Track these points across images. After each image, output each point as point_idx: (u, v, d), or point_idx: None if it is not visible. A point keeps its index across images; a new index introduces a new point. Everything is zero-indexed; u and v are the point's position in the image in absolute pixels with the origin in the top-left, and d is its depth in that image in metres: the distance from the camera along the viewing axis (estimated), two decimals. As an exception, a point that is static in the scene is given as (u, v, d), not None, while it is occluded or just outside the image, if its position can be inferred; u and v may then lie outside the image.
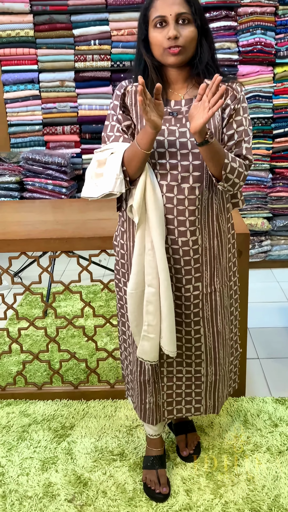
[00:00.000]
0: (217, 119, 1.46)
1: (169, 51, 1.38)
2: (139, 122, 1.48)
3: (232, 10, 3.26)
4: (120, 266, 1.65)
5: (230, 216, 1.62)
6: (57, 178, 3.39)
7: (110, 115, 1.51)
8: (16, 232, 2.07)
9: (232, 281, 1.68)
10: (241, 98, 1.47)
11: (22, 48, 3.43)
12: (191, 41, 1.40)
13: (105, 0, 3.30)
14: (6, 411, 2.20)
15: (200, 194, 1.47)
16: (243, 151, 1.46)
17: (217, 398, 1.74)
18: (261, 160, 3.44)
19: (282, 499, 1.71)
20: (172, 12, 1.36)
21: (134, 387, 1.73)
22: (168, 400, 1.72)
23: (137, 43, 1.47)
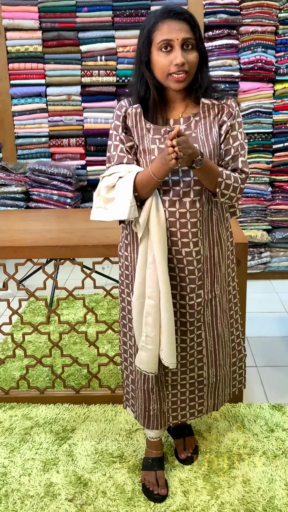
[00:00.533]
0: (215, 136, 1.53)
1: (174, 78, 1.44)
2: (141, 143, 1.54)
3: (234, 28, 3.37)
4: (124, 277, 1.71)
5: (229, 225, 1.69)
6: (62, 188, 3.49)
7: (113, 135, 1.57)
8: (23, 240, 2.15)
9: (231, 286, 1.75)
10: (236, 113, 1.53)
11: (30, 63, 3.55)
12: (194, 66, 1.46)
13: (111, 18, 3.42)
14: (9, 414, 2.25)
15: (200, 207, 1.54)
16: (239, 165, 1.54)
17: (217, 397, 1.81)
18: (261, 174, 3.53)
19: (277, 500, 1.76)
20: (179, 37, 1.41)
21: (138, 395, 1.77)
22: (173, 407, 1.77)
23: (137, 63, 1.51)
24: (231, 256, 1.73)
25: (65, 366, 2.32)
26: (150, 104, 1.52)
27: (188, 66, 1.44)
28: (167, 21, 1.42)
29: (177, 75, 1.44)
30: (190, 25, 1.43)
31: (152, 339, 1.59)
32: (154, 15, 1.46)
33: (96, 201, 1.58)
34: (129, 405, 1.87)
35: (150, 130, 1.53)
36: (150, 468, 1.86)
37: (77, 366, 2.53)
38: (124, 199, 1.47)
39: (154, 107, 1.52)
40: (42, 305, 3.28)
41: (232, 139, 1.53)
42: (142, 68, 1.49)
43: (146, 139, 1.53)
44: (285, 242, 3.62)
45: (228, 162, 1.54)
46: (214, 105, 1.53)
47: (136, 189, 1.48)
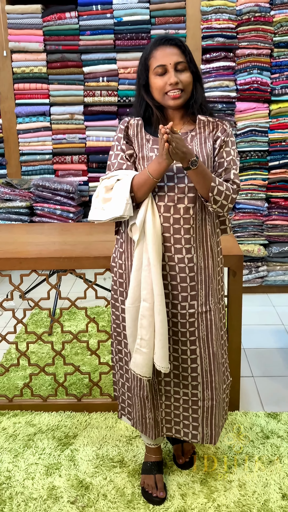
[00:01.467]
0: (209, 148, 1.64)
1: (170, 96, 1.58)
2: (140, 151, 1.65)
3: (231, 51, 3.52)
4: (118, 286, 1.77)
5: (219, 241, 1.77)
6: (65, 204, 3.60)
7: (115, 146, 1.69)
8: (27, 251, 2.24)
9: (221, 304, 1.80)
10: (230, 133, 1.66)
11: (35, 83, 3.69)
12: (188, 85, 1.60)
13: (113, 41, 3.57)
14: (13, 421, 2.32)
15: (194, 214, 1.63)
16: (231, 176, 1.64)
17: (214, 427, 1.78)
18: (257, 190, 3.64)
19: (271, 503, 1.83)
20: (171, 61, 1.56)
21: (135, 402, 1.83)
22: (167, 418, 1.82)
23: (137, 86, 1.66)
24: (221, 273, 1.79)
25: (67, 374, 2.40)
26: (153, 121, 1.65)
27: (182, 85, 1.58)
28: (160, 48, 1.58)
29: (172, 93, 1.57)
30: (180, 49, 1.58)
31: (147, 342, 1.64)
32: (150, 45, 1.62)
33: (94, 202, 1.67)
34: (125, 413, 1.92)
35: (149, 141, 1.65)
36: (149, 472, 1.93)
37: (79, 375, 2.61)
38: (121, 197, 1.57)
39: (157, 123, 1.64)
40: (44, 317, 3.36)
41: (226, 154, 1.64)
42: (141, 91, 1.64)
43: (145, 147, 1.64)
44: (281, 256, 3.71)
45: (221, 174, 1.64)
46: (209, 122, 1.65)
47: (133, 190, 1.58)
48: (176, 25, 3.51)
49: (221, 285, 1.81)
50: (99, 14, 3.51)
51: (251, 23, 3.41)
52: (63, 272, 2.27)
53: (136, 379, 1.78)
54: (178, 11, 3.49)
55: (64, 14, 3.52)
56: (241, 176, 3.64)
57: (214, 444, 1.82)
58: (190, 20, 3.48)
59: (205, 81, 3.53)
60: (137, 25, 3.52)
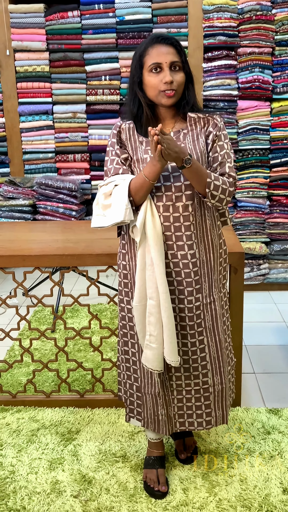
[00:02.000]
0: (202, 144, 1.66)
1: (164, 94, 1.59)
2: (134, 153, 1.68)
3: (233, 50, 3.53)
4: (123, 286, 1.81)
5: (221, 233, 1.80)
6: (68, 202, 3.62)
7: (109, 151, 1.71)
8: (31, 249, 2.27)
9: (222, 292, 1.84)
10: (221, 126, 1.68)
11: (38, 82, 3.71)
12: (182, 85, 1.61)
13: (115, 40, 3.59)
14: (17, 417, 2.35)
15: (193, 211, 1.66)
16: (226, 169, 1.66)
17: (225, 408, 1.85)
18: (259, 188, 3.66)
19: (272, 497, 1.85)
20: (167, 60, 1.57)
21: (146, 401, 1.84)
22: (180, 413, 1.84)
23: (130, 84, 1.67)
24: (224, 263, 1.83)
25: (70, 370, 2.42)
26: (143, 121, 1.66)
27: (176, 85, 1.59)
28: (156, 46, 1.58)
29: (167, 92, 1.58)
30: (176, 49, 1.59)
31: (155, 338, 1.68)
32: (145, 42, 1.62)
33: (95, 209, 1.70)
34: (134, 415, 1.94)
35: (142, 143, 1.67)
36: (152, 466, 1.95)
37: (82, 372, 2.63)
38: (120, 203, 1.60)
39: (147, 122, 1.65)
40: (47, 314, 3.39)
41: (219, 148, 1.67)
42: (135, 88, 1.64)
43: (139, 150, 1.67)
44: (283, 254, 3.73)
45: (216, 168, 1.66)
46: (200, 118, 1.67)
47: (131, 194, 1.61)
48: (178, 23, 3.52)
49: (223, 274, 1.84)
50: (101, 13, 3.53)
51: (252, 21, 3.42)
52: (66, 269, 2.29)
53: (146, 377, 1.81)
54: (180, 10, 3.50)
55: (67, 13, 3.54)
56: (242, 174, 3.66)
57: (227, 423, 1.88)
58: (192, 19, 3.49)
59: (207, 79, 3.54)
60: (139, 24, 3.53)
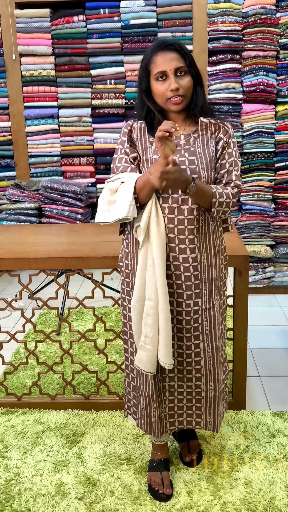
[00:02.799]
0: (211, 150, 1.67)
1: (172, 101, 1.60)
2: (144, 153, 1.68)
3: (237, 53, 3.54)
4: (125, 285, 1.82)
5: (222, 239, 1.80)
6: (73, 205, 3.64)
7: (119, 149, 1.72)
8: (36, 252, 2.28)
9: (222, 300, 1.84)
10: (232, 134, 1.69)
11: (44, 86, 3.74)
12: (189, 89, 1.62)
13: (120, 44, 3.61)
14: (22, 419, 2.36)
15: (198, 215, 1.66)
16: (233, 177, 1.67)
17: (216, 416, 1.85)
18: (264, 191, 3.66)
19: (277, 501, 1.84)
20: (171, 67, 1.58)
21: (140, 402, 1.86)
22: (170, 413, 1.85)
23: (139, 90, 1.68)
24: (224, 270, 1.83)
25: (75, 373, 2.43)
26: (155, 124, 1.67)
27: (183, 90, 1.60)
28: (160, 53, 1.59)
29: (174, 99, 1.60)
30: (180, 54, 1.59)
31: (151, 339, 1.68)
32: (149, 50, 1.63)
33: (100, 204, 1.71)
34: (131, 413, 1.95)
35: (153, 143, 1.67)
36: (156, 469, 1.95)
37: (87, 374, 2.64)
38: (125, 199, 1.60)
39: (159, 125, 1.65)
40: (53, 317, 3.40)
41: (228, 155, 1.68)
42: (142, 96, 1.67)
43: (149, 150, 1.67)
44: (288, 257, 3.73)
45: (223, 175, 1.68)
46: (211, 124, 1.68)
47: (136, 191, 1.61)
48: (183, 27, 3.54)
49: (224, 281, 1.84)
50: (106, 18, 3.55)
51: (257, 25, 3.43)
52: (71, 272, 2.30)
53: (141, 378, 1.81)
54: (184, 14, 3.52)
55: (72, 17, 3.57)
56: (247, 177, 3.66)
57: (217, 431, 1.88)
58: (196, 23, 3.50)
59: (212, 83, 3.55)
60: (144, 28, 3.55)
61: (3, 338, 2.44)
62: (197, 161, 1.65)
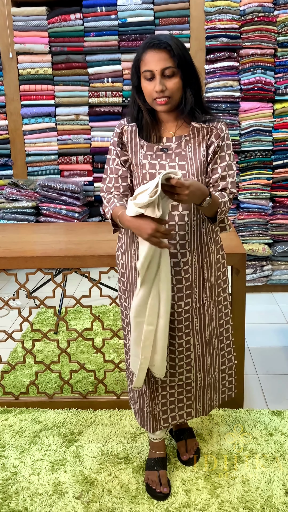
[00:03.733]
0: (202, 154, 1.64)
1: (157, 102, 1.58)
2: (134, 157, 1.68)
3: (235, 51, 3.53)
4: (121, 284, 1.84)
5: (219, 238, 1.79)
6: (71, 204, 3.63)
7: (111, 150, 1.72)
8: (33, 250, 2.27)
9: (221, 297, 1.84)
10: (225, 136, 1.65)
11: (41, 84, 3.72)
12: (177, 91, 1.58)
13: (117, 42, 3.60)
14: (19, 418, 2.35)
15: (189, 220, 1.65)
16: (228, 185, 1.66)
17: (205, 401, 1.90)
18: (261, 190, 3.65)
19: (275, 499, 1.84)
20: (158, 68, 1.53)
21: (135, 395, 1.88)
22: (163, 409, 1.86)
23: (131, 87, 1.66)
24: (222, 268, 1.83)
25: (72, 372, 2.43)
26: (144, 124, 1.66)
27: (169, 92, 1.56)
28: (149, 52, 1.55)
29: (159, 100, 1.57)
30: (169, 54, 1.53)
31: (147, 359, 1.69)
32: (141, 46, 1.59)
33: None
34: (132, 402, 1.97)
35: (143, 147, 1.66)
36: (153, 468, 1.95)
37: (84, 373, 2.63)
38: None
39: (147, 126, 1.65)
40: (50, 316, 3.39)
41: (220, 159, 1.65)
42: (133, 92, 1.65)
43: (139, 154, 1.66)
44: (286, 255, 3.72)
45: (217, 181, 1.65)
46: (203, 128, 1.64)
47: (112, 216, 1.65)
48: (180, 25, 3.53)
49: (223, 279, 1.84)
50: (103, 16, 3.54)
51: (254, 23, 3.42)
52: (68, 271, 2.30)
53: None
54: (182, 11, 3.51)
55: (69, 15, 3.56)
56: (245, 176, 3.66)
57: (206, 415, 1.93)
58: (194, 21, 3.49)
59: (209, 81, 3.54)
60: (141, 26, 3.54)
61: (0, 337, 2.44)
62: (187, 166, 1.63)
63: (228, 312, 1.89)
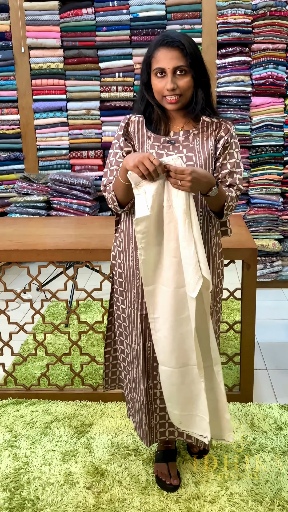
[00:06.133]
0: (210, 147, 1.62)
1: (167, 100, 1.56)
2: (140, 148, 1.65)
3: (246, 46, 3.52)
4: (118, 285, 1.79)
5: (220, 243, 1.77)
6: (82, 198, 3.65)
7: (114, 144, 1.70)
8: (45, 243, 2.29)
9: (217, 307, 1.81)
10: (233, 134, 1.65)
11: (52, 79, 3.74)
12: (188, 89, 1.57)
13: (129, 37, 3.60)
14: (30, 409, 2.38)
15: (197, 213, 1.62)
16: (236, 181, 1.64)
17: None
18: (272, 185, 3.65)
19: (284, 492, 1.85)
20: (170, 66, 1.52)
21: (135, 405, 1.85)
22: (161, 422, 1.84)
23: (140, 83, 1.65)
24: (221, 276, 1.80)
25: (83, 364, 2.45)
26: (154, 118, 1.64)
27: (180, 90, 1.55)
28: (161, 49, 1.54)
29: (169, 98, 1.56)
30: (182, 52, 1.52)
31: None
32: (153, 42, 1.58)
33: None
34: (131, 414, 1.95)
35: (150, 138, 1.64)
36: (162, 461, 1.96)
37: (95, 366, 2.65)
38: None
39: (158, 120, 1.64)
40: (61, 309, 3.42)
41: (229, 156, 1.64)
42: (142, 88, 1.63)
43: (146, 144, 1.65)
44: (296, 251, 3.72)
45: (225, 176, 1.64)
46: (213, 122, 1.64)
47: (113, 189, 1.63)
48: (192, 20, 3.52)
49: (220, 287, 1.82)
50: (115, 10, 3.54)
51: (266, 17, 3.41)
52: (79, 264, 2.32)
53: (134, 382, 1.81)
54: (193, 6, 3.50)
55: (81, 10, 3.56)
56: (256, 171, 3.65)
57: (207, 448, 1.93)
58: (205, 15, 3.49)
59: (221, 76, 3.54)
60: (153, 21, 3.54)
61: (12, 329, 2.47)
62: (195, 158, 1.61)
63: (220, 317, 1.86)
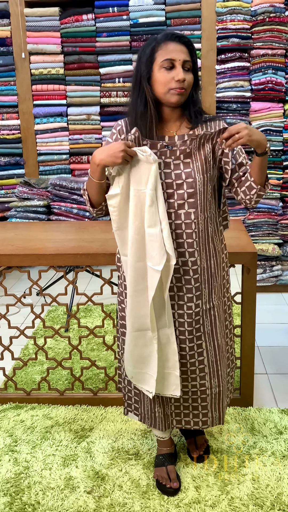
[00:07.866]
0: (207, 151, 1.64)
1: (175, 91, 1.55)
2: None
3: (246, 52, 3.54)
4: (123, 288, 1.81)
5: (223, 238, 1.79)
6: (82, 202, 3.65)
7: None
8: (45, 248, 2.30)
9: (225, 297, 1.84)
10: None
11: (53, 84, 3.76)
12: (190, 86, 1.60)
13: (129, 43, 3.62)
14: (31, 414, 2.38)
15: (195, 218, 1.64)
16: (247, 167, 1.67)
17: (221, 409, 1.86)
18: (272, 190, 3.66)
19: (284, 497, 1.85)
20: (180, 58, 1.54)
21: (143, 397, 1.86)
22: (176, 411, 1.86)
23: (136, 81, 1.59)
24: (226, 268, 1.83)
25: (83, 369, 2.45)
26: (147, 119, 1.60)
27: (187, 84, 1.57)
28: (170, 43, 1.55)
29: (178, 89, 1.55)
30: (189, 49, 1.56)
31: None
32: (156, 38, 1.58)
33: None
34: (131, 410, 1.95)
35: (147, 145, 1.61)
36: (161, 464, 1.96)
37: (95, 370, 2.66)
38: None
39: (151, 122, 1.61)
40: (61, 314, 3.42)
41: (238, 155, 1.68)
42: (143, 83, 1.57)
43: None
44: (296, 255, 3.72)
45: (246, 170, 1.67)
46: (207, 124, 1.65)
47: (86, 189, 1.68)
48: (192, 26, 3.54)
49: (226, 279, 1.84)
50: (115, 16, 3.57)
51: (266, 23, 3.43)
52: (80, 268, 2.32)
53: None
54: (193, 12, 3.52)
55: (81, 16, 3.59)
56: (255, 176, 3.66)
57: (223, 424, 1.90)
58: (205, 21, 3.51)
59: (220, 81, 3.56)
60: (153, 27, 3.56)
61: (13, 334, 2.47)
62: (192, 164, 1.62)
63: (231, 313, 1.89)
